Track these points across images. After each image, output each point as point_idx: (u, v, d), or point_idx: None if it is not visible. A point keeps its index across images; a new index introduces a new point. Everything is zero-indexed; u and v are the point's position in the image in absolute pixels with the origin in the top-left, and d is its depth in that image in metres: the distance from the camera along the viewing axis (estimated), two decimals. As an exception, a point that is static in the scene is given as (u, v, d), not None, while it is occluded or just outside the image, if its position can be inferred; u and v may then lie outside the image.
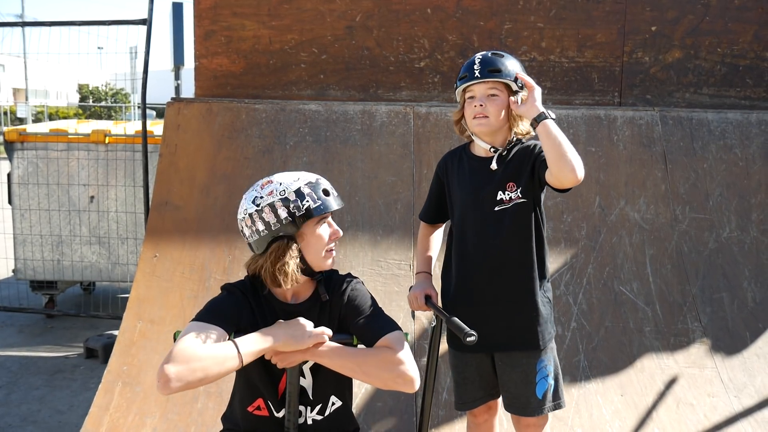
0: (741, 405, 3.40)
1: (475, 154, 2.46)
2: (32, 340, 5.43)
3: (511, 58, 2.38)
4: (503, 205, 2.36)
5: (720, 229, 4.04)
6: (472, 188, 2.42)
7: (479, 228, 2.40)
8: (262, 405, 2.01)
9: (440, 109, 4.29)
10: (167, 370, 1.70)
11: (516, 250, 2.37)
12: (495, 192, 2.36)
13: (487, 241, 2.38)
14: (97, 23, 5.55)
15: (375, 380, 1.92)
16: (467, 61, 2.40)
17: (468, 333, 2.04)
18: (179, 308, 3.60)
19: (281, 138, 4.20)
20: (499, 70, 2.31)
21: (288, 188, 1.92)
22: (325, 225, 1.99)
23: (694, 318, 3.73)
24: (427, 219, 2.68)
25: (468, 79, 2.35)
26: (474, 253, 2.42)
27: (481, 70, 2.33)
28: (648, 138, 4.25)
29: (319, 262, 1.98)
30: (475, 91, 2.36)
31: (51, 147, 5.51)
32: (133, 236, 5.52)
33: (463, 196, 2.45)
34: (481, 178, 2.40)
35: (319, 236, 1.96)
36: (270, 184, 1.95)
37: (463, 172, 2.47)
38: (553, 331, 2.46)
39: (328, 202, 1.94)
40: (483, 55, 2.37)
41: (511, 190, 2.35)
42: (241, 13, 4.44)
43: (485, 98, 2.34)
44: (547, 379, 2.42)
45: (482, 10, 4.45)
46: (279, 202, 1.90)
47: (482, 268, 2.40)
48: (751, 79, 4.58)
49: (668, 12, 4.50)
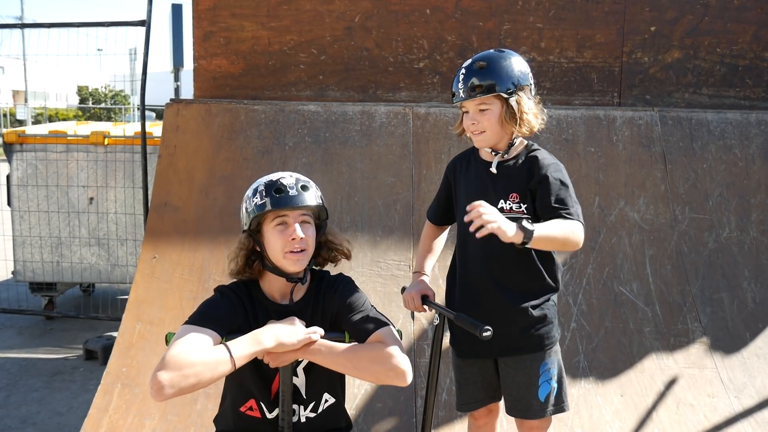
0: (741, 405, 3.40)
1: (482, 158, 2.44)
2: (31, 341, 5.42)
3: (501, 62, 2.28)
4: (504, 214, 2.28)
5: (720, 229, 4.04)
6: (475, 193, 2.38)
7: None
8: (254, 406, 2.02)
9: (439, 109, 4.29)
10: (160, 377, 1.73)
11: (517, 259, 2.33)
12: (497, 200, 2.32)
13: (488, 247, 2.35)
14: (96, 25, 5.56)
15: (367, 375, 1.94)
16: (457, 72, 2.34)
17: (483, 328, 2.05)
18: (178, 309, 3.60)
19: (280, 139, 4.19)
20: (482, 86, 2.24)
21: (256, 185, 2.00)
22: (281, 226, 1.97)
23: (694, 318, 3.73)
24: (434, 219, 2.66)
25: (454, 99, 2.32)
26: (476, 259, 2.40)
27: (465, 89, 2.27)
28: (647, 138, 4.25)
29: (280, 262, 1.99)
30: (466, 107, 2.33)
31: (50, 149, 5.51)
32: (133, 237, 5.51)
33: (469, 201, 2.41)
34: (485, 184, 2.38)
35: (275, 236, 1.97)
36: (258, 180, 2.04)
37: (469, 176, 2.45)
38: (557, 334, 2.44)
39: (275, 201, 1.94)
40: (467, 68, 2.29)
41: (514, 201, 2.31)
42: (240, 14, 4.44)
43: (477, 114, 2.30)
44: (551, 382, 2.40)
45: (481, 10, 4.45)
46: (247, 198, 2.01)
47: (484, 274, 2.38)
48: (750, 79, 4.58)
49: (667, 12, 4.50)
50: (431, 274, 2.62)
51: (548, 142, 4.16)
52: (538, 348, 2.37)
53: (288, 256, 1.96)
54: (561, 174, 2.30)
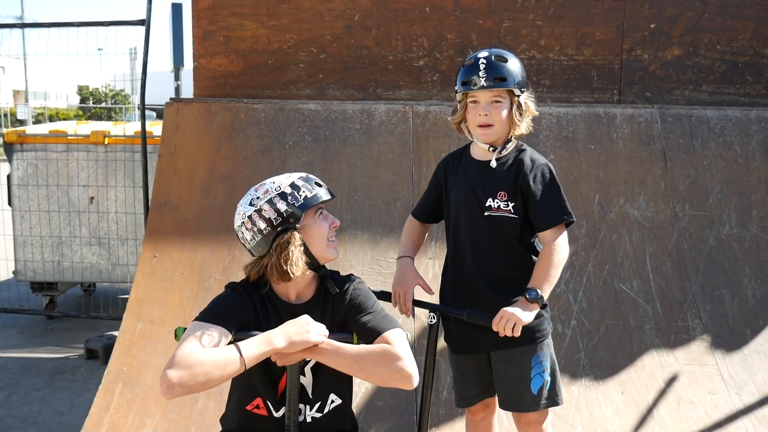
0: (742, 402, 3.40)
1: (474, 158, 2.46)
2: (33, 341, 5.43)
3: (514, 59, 2.34)
4: (492, 212, 2.36)
5: (720, 226, 4.04)
6: (466, 191, 2.42)
7: (471, 231, 2.41)
8: (260, 404, 2.02)
9: (439, 107, 4.29)
10: (170, 375, 1.73)
11: (506, 253, 2.37)
12: (485, 198, 2.36)
13: (478, 245, 2.39)
14: (96, 24, 5.56)
15: (373, 377, 1.94)
16: (469, 63, 2.33)
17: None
18: (179, 308, 3.60)
19: (280, 137, 4.19)
20: (505, 78, 2.28)
21: (282, 184, 1.99)
22: (322, 215, 2.04)
23: (695, 315, 3.73)
24: (421, 217, 2.67)
25: (473, 86, 2.30)
26: (466, 255, 2.42)
27: (487, 78, 2.28)
28: (647, 135, 4.24)
29: (323, 252, 2.03)
30: (479, 97, 2.32)
31: (50, 148, 5.52)
32: (133, 237, 5.52)
33: (457, 199, 2.46)
34: (474, 182, 2.41)
35: (319, 225, 2.02)
36: (263, 185, 2.02)
37: (459, 175, 2.47)
38: (549, 327, 2.46)
39: (322, 192, 2.02)
40: (487, 60, 2.29)
41: (501, 200, 2.35)
42: (240, 13, 4.44)
43: (489, 105, 2.31)
44: (543, 375, 2.41)
45: (481, 8, 4.44)
46: (277, 197, 1.97)
47: (474, 271, 2.40)
48: (750, 75, 4.57)
49: (667, 9, 4.49)
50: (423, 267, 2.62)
51: (548, 140, 4.17)
52: (530, 341, 2.38)
53: (330, 245, 2.04)
54: (548, 174, 2.36)
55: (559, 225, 2.32)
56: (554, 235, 2.31)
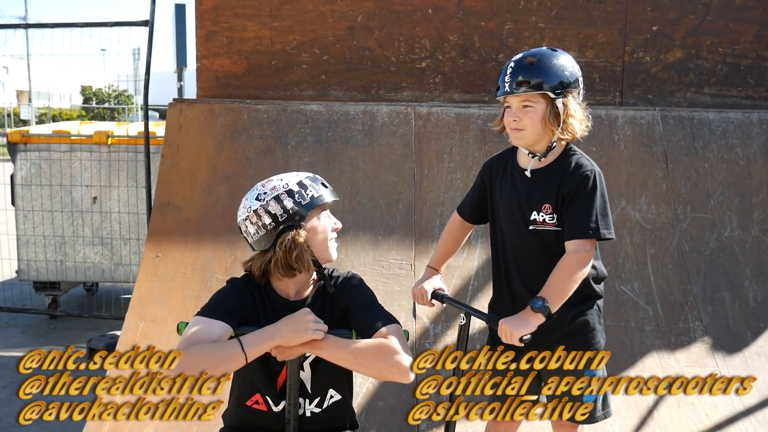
0: (742, 404, 3.40)
1: (519, 165, 2.34)
2: (35, 340, 5.44)
3: (553, 59, 2.19)
4: (537, 225, 2.25)
5: (721, 228, 4.04)
6: (509, 201, 2.31)
7: (516, 243, 2.31)
8: (260, 399, 2.05)
9: (441, 109, 4.30)
10: (173, 370, 1.77)
11: (550, 266, 2.19)
12: (530, 212, 2.25)
13: (523, 257, 2.30)
14: (99, 25, 5.58)
15: (370, 370, 1.96)
16: (505, 65, 2.24)
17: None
18: (181, 308, 3.62)
19: (283, 138, 4.21)
20: (529, 82, 2.15)
21: (290, 182, 2.02)
22: (325, 214, 2.07)
23: (695, 317, 3.73)
24: (466, 215, 2.54)
25: (500, 92, 2.22)
26: (510, 266, 2.34)
27: (511, 83, 2.18)
28: (649, 137, 4.25)
29: (324, 252, 2.05)
30: (509, 102, 2.23)
31: (54, 148, 5.54)
32: (136, 237, 5.53)
33: (502, 208, 2.35)
34: (519, 194, 2.29)
35: (323, 226, 2.04)
36: (270, 181, 2.04)
37: (504, 184, 2.36)
38: (603, 340, 2.39)
39: (327, 193, 2.05)
40: (516, 62, 2.20)
41: (546, 213, 2.23)
42: (243, 14, 4.45)
43: (520, 110, 2.20)
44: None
45: (483, 10, 4.45)
46: (284, 194, 1.99)
47: (521, 281, 2.31)
48: (752, 78, 4.58)
49: (669, 12, 4.50)
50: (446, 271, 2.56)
51: (550, 142, 4.17)
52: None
53: (331, 245, 2.06)
54: (588, 182, 2.20)
55: (584, 238, 2.15)
56: (577, 246, 2.15)
